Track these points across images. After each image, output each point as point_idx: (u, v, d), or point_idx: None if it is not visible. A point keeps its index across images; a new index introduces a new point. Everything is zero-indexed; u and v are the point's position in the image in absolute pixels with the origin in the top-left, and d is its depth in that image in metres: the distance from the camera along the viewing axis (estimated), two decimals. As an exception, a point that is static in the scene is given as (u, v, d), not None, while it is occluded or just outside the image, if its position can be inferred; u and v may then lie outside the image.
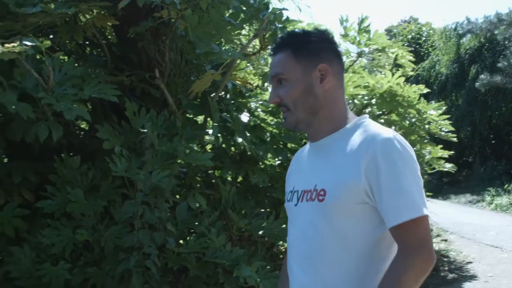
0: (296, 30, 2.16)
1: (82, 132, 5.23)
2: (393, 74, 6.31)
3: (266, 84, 6.38)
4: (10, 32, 3.95)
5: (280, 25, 4.90)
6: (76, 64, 4.37)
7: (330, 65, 1.94)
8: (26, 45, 3.18)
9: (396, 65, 7.79)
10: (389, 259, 1.81)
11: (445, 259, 9.86)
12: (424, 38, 32.02)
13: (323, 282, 1.86)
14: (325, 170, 1.89)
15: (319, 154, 1.97)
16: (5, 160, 4.65)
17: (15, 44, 3.08)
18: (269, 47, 5.38)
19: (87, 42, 5.46)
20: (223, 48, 5.31)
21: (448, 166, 7.83)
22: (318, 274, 1.87)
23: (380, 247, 1.83)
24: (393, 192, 1.73)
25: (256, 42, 5.54)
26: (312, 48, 1.94)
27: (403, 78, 6.35)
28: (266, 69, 6.19)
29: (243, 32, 5.65)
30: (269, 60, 6.37)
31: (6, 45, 3.05)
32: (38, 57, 4.28)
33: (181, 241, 4.49)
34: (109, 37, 5.65)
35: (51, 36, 5.06)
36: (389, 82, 6.20)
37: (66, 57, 4.99)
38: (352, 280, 1.81)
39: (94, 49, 5.60)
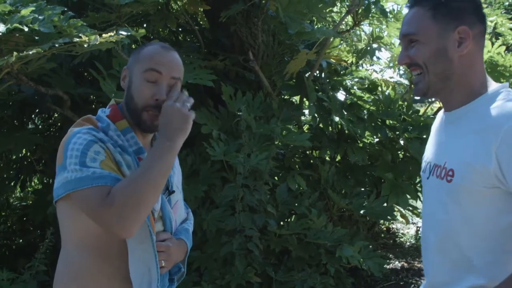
0: None
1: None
2: (493, 44, 6.03)
3: (360, 62, 6.27)
4: (106, 23, 4.03)
5: (373, 0, 4.77)
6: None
7: (471, 28, 1.69)
8: (121, 34, 3.22)
9: (495, 34, 7.47)
10: None
11: None
12: (522, 5, 30.67)
13: (451, 263, 1.75)
14: (454, 147, 1.73)
15: (451, 127, 1.79)
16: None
17: (111, 34, 3.13)
18: (362, 23, 5.27)
19: (179, 29, 5.52)
20: (316, 26, 5.23)
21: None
22: (448, 255, 1.76)
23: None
24: None
25: (349, 18, 5.43)
26: (454, 7, 1.70)
27: (503, 47, 6.06)
28: (360, 46, 6.06)
29: (335, 9, 5.55)
30: (362, 33, 6.24)
31: (104, 35, 3.10)
32: (133, 46, 4.34)
33: (282, 223, 4.49)
34: (201, 22, 5.68)
35: (144, 25, 5.14)
36: (489, 52, 5.92)
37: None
38: (481, 265, 1.67)
39: (186, 35, 5.66)
